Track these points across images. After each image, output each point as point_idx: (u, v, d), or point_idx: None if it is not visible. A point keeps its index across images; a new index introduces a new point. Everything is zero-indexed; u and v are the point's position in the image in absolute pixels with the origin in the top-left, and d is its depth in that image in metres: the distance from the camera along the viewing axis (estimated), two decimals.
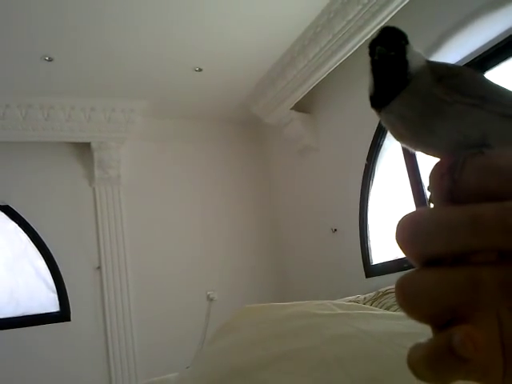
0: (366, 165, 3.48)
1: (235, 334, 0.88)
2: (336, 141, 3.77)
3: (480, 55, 2.71)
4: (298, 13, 3.15)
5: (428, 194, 0.29)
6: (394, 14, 2.97)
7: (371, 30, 3.07)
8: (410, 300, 0.26)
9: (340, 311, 0.82)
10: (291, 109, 3.95)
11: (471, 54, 2.75)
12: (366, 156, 3.45)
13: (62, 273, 3.71)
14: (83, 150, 3.95)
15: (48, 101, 3.69)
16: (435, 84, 0.33)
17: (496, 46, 2.63)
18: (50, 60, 3.25)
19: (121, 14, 2.91)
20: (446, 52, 2.84)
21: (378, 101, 0.35)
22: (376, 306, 1.60)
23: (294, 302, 0.91)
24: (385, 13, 2.97)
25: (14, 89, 3.52)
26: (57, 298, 3.71)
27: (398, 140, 0.35)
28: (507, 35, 2.54)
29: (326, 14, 3.20)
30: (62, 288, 3.70)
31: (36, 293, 3.67)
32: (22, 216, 3.71)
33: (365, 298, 1.77)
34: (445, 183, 0.27)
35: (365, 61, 0.36)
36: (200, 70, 3.63)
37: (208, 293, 4.13)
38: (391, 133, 0.35)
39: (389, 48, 0.34)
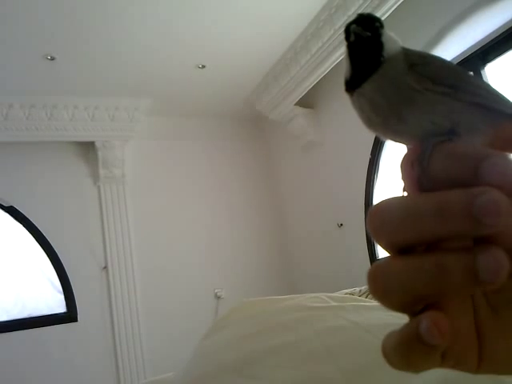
0: (370, 159, 3.49)
1: (228, 329, 0.88)
2: (340, 135, 3.77)
3: (480, 48, 2.71)
4: (299, 8, 3.15)
5: (401, 183, 0.29)
6: (394, 8, 2.97)
7: None
8: (381, 288, 0.26)
9: (333, 303, 0.82)
10: (295, 104, 3.96)
11: (472, 46, 2.75)
12: (370, 150, 3.46)
13: (68, 273, 3.69)
14: (87, 149, 3.94)
15: (51, 100, 3.67)
16: (407, 71, 0.33)
17: (496, 38, 2.62)
18: (52, 59, 3.24)
19: (123, 11, 2.90)
20: (447, 45, 2.84)
21: (352, 84, 0.35)
22: (371, 298, 1.61)
23: (289, 296, 0.91)
24: (385, 7, 2.98)
25: (17, 89, 3.50)
26: (63, 299, 3.69)
27: (367, 127, 0.35)
28: (507, 27, 2.54)
29: (327, 9, 3.21)
30: (68, 288, 3.68)
31: (42, 294, 3.65)
32: (27, 216, 3.69)
33: (360, 291, 1.78)
34: (414, 172, 0.27)
35: None
36: (203, 66, 3.62)
37: (216, 291, 4.12)
38: (361, 118, 0.35)
39: (364, 28, 0.34)
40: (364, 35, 0.34)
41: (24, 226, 3.70)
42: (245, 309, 0.93)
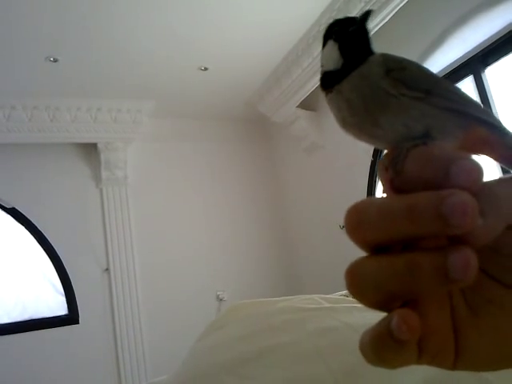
0: (371, 161, 3.49)
1: (223, 330, 0.90)
2: (341, 138, 3.73)
3: (481, 50, 2.71)
4: (302, 11, 3.16)
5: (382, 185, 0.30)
6: (395, 11, 2.97)
7: (373, 27, 3.08)
8: (357, 286, 0.27)
9: (326, 305, 0.83)
10: (297, 107, 3.97)
11: (472, 49, 2.75)
12: (372, 152, 3.46)
13: (69, 275, 3.69)
14: (90, 150, 3.95)
15: (53, 102, 3.68)
16: (384, 75, 0.33)
17: (497, 41, 2.62)
18: (55, 61, 3.24)
19: (126, 13, 2.91)
20: (448, 48, 2.85)
21: (330, 81, 0.35)
22: None
23: (283, 298, 0.93)
24: (387, 10, 2.98)
25: (19, 90, 3.51)
26: (65, 301, 3.69)
27: (341, 127, 0.35)
28: (508, 30, 2.54)
29: (329, 11, 3.21)
30: (69, 290, 3.68)
31: (43, 296, 3.65)
32: (29, 218, 3.69)
33: None
34: (388, 175, 0.28)
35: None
36: (206, 69, 3.63)
37: (218, 293, 4.12)
38: (336, 118, 0.36)
39: (353, 23, 0.36)
40: (363, 26, 0.36)
41: (26, 227, 3.70)
42: (239, 310, 0.95)
